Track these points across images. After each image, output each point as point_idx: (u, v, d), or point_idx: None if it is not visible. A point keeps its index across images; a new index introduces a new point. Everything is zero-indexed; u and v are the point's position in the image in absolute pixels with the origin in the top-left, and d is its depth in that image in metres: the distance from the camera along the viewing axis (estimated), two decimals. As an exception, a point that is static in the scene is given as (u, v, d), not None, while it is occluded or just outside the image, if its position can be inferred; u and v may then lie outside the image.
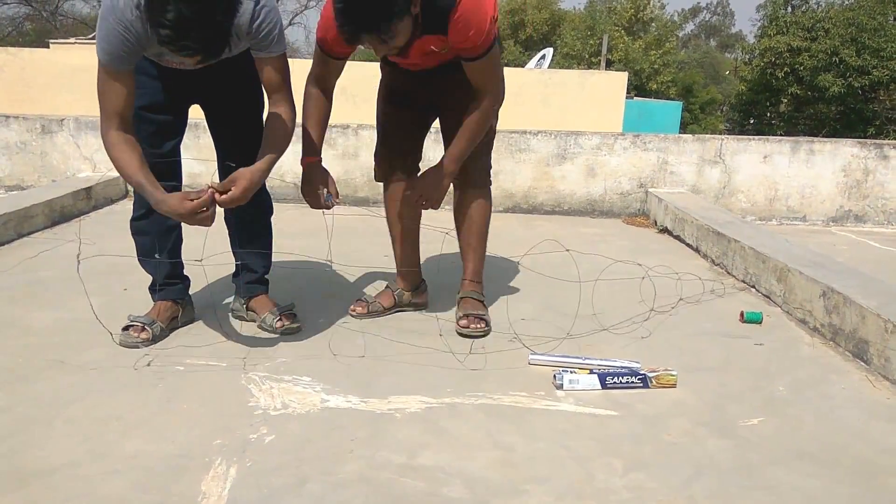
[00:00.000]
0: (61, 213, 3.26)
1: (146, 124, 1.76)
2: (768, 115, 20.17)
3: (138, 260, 1.94)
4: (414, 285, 2.20)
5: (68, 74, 6.35)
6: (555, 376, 1.69)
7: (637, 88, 20.54)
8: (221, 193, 1.62)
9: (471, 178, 2.04)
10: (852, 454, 1.43)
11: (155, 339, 1.83)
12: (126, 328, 1.83)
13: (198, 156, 3.99)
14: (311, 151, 1.87)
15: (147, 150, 1.71)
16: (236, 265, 2.06)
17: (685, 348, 1.97)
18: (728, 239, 2.81)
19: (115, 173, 3.89)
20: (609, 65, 19.53)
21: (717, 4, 44.72)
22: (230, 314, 2.07)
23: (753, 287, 2.58)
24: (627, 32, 23.17)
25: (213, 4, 1.41)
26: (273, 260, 2.10)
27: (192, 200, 1.57)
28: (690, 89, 23.04)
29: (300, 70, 1.92)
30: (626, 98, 7.70)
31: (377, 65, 2.10)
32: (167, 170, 1.83)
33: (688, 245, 3.24)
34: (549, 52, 10.46)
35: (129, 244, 1.95)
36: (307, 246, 2.55)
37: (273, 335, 1.93)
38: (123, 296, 2.24)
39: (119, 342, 1.81)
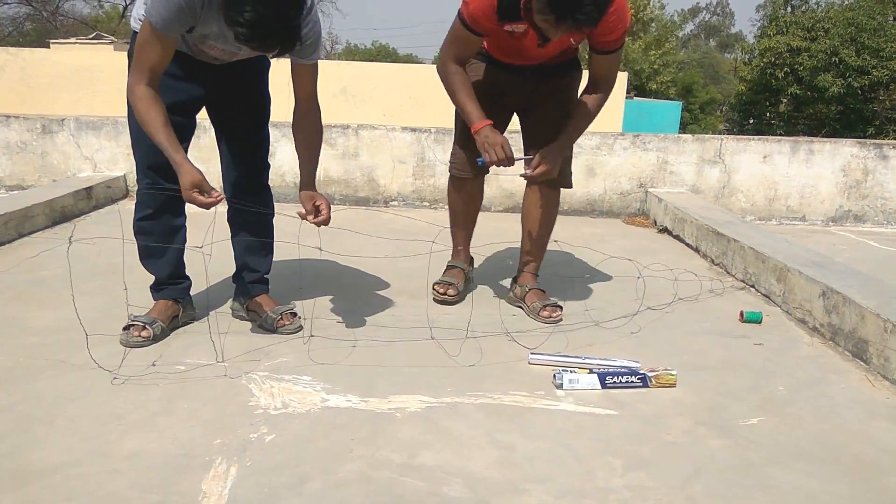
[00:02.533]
0: (62, 212, 3.26)
1: None
2: (768, 115, 20.18)
3: (140, 260, 1.95)
4: (470, 260, 2.42)
5: (69, 74, 6.36)
6: (555, 376, 1.70)
7: (637, 88, 20.55)
8: (308, 215, 1.82)
9: (561, 174, 2.13)
10: (852, 453, 1.43)
11: (155, 339, 1.84)
12: (127, 327, 1.84)
13: (198, 156, 4.00)
14: (481, 116, 1.95)
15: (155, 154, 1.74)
16: (237, 266, 2.06)
17: (685, 348, 1.97)
18: (728, 239, 2.81)
19: (116, 173, 3.91)
20: (609, 65, 19.46)
21: (717, 4, 44.74)
22: (231, 313, 2.08)
23: (753, 287, 2.58)
24: (627, 32, 23.17)
25: (287, 4, 1.47)
26: (273, 259, 2.10)
27: (201, 194, 1.63)
28: (690, 89, 23.05)
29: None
30: (626, 98, 7.70)
31: (377, 65, 2.13)
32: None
33: (687, 245, 3.25)
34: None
35: (129, 244, 1.95)
36: (307, 245, 2.55)
37: (274, 334, 1.93)
38: (123, 295, 2.24)
39: (120, 341, 1.81)
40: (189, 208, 1.78)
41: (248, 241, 2.00)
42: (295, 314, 1.98)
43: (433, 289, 2.27)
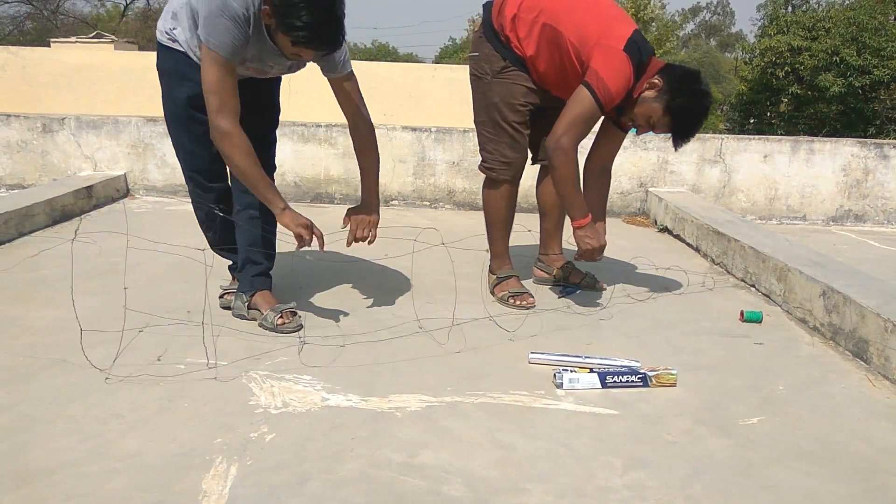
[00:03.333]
0: (62, 211, 3.26)
1: (197, 125, 1.87)
2: (768, 114, 20.16)
3: (211, 246, 2.08)
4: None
5: (69, 73, 6.35)
6: (555, 375, 1.70)
7: (637, 88, 20.49)
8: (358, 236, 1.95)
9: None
10: (852, 453, 1.43)
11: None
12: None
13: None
14: (585, 211, 2.14)
15: (197, 151, 1.92)
16: (241, 260, 2.05)
17: (685, 347, 1.97)
18: (728, 238, 2.81)
19: (117, 172, 3.91)
20: (609, 64, 19.43)
21: (718, 4, 44.68)
22: (231, 311, 2.08)
23: (753, 286, 2.58)
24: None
25: (335, 5, 1.61)
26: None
27: (308, 229, 1.81)
28: (691, 89, 22.97)
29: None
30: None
31: (377, 64, 2.15)
32: (223, 171, 1.99)
33: (688, 244, 3.24)
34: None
35: (129, 244, 1.95)
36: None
37: (273, 333, 1.93)
38: (123, 295, 2.24)
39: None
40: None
41: (254, 235, 2.01)
42: (295, 312, 1.98)
43: (512, 303, 2.24)
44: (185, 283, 2.31)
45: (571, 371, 1.70)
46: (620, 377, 1.68)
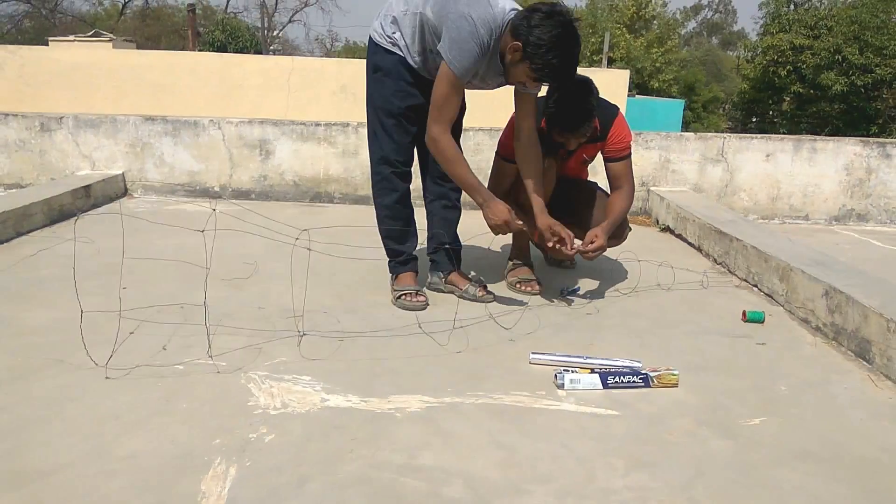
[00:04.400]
0: (60, 211, 3.26)
1: (408, 123, 2.11)
2: (771, 113, 20.16)
3: (383, 239, 2.26)
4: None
5: (67, 72, 6.34)
6: (556, 376, 1.69)
7: (639, 86, 20.52)
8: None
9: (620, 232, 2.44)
10: (854, 454, 1.42)
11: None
12: (399, 296, 2.16)
13: (197, 154, 3.99)
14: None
15: (401, 140, 2.12)
16: (435, 244, 2.30)
17: (687, 348, 1.96)
18: (730, 238, 2.80)
19: (115, 171, 3.90)
20: (611, 63, 19.51)
21: (720, 2, 44.60)
22: (427, 286, 2.29)
23: (755, 286, 2.57)
24: (629, 30, 23.13)
25: (578, 50, 1.91)
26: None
27: (516, 221, 2.03)
28: (692, 87, 23.00)
29: (299, 67, 1.93)
30: (628, 96, 7.69)
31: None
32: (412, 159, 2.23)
33: (690, 244, 3.23)
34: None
35: (128, 243, 1.95)
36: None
37: (274, 331, 1.92)
38: (123, 295, 2.23)
39: (400, 306, 2.14)
40: None
41: (448, 221, 2.27)
42: (485, 285, 2.27)
43: (518, 288, 2.37)
44: (184, 282, 2.30)
45: (572, 371, 1.69)
46: (622, 377, 1.67)
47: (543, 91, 2.17)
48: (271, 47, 29.66)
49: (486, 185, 2.22)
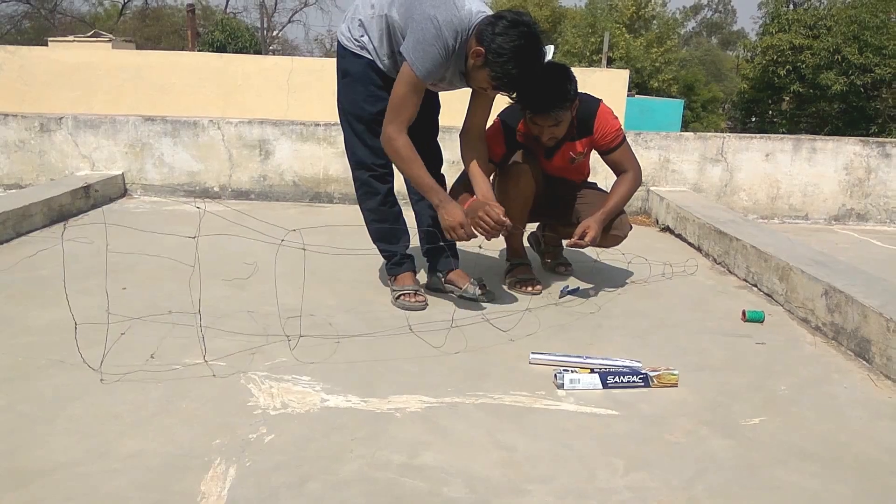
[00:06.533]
0: (60, 211, 3.26)
1: (378, 128, 2.05)
2: (770, 113, 20.16)
3: (374, 242, 2.27)
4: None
5: (67, 72, 6.33)
6: (555, 376, 1.69)
7: (638, 86, 20.51)
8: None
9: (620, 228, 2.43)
10: (854, 453, 1.42)
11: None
12: (399, 296, 2.17)
13: (197, 154, 3.99)
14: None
15: (377, 146, 2.07)
16: (425, 243, 2.28)
17: (687, 347, 1.96)
18: (730, 237, 2.80)
19: (113, 171, 3.90)
20: (610, 62, 19.49)
21: (719, 2, 44.60)
22: (425, 286, 2.28)
23: (755, 286, 2.57)
24: (629, 30, 23.13)
25: (539, 62, 1.91)
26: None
27: (460, 228, 2.00)
28: (692, 87, 23.00)
29: (299, 67, 1.93)
30: (628, 96, 7.68)
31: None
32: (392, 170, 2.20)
33: (689, 244, 3.23)
34: (549, 49, 10.43)
35: (127, 243, 1.95)
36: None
37: (271, 332, 1.92)
38: (122, 295, 2.24)
39: (399, 306, 2.15)
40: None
41: (437, 219, 2.16)
42: (485, 285, 2.25)
43: (518, 289, 2.38)
44: (183, 282, 2.29)
45: (572, 371, 1.69)
46: (622, 377, 1.67)
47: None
48: (271, 47, 29.67)
49: (458, 185, 2.26)
